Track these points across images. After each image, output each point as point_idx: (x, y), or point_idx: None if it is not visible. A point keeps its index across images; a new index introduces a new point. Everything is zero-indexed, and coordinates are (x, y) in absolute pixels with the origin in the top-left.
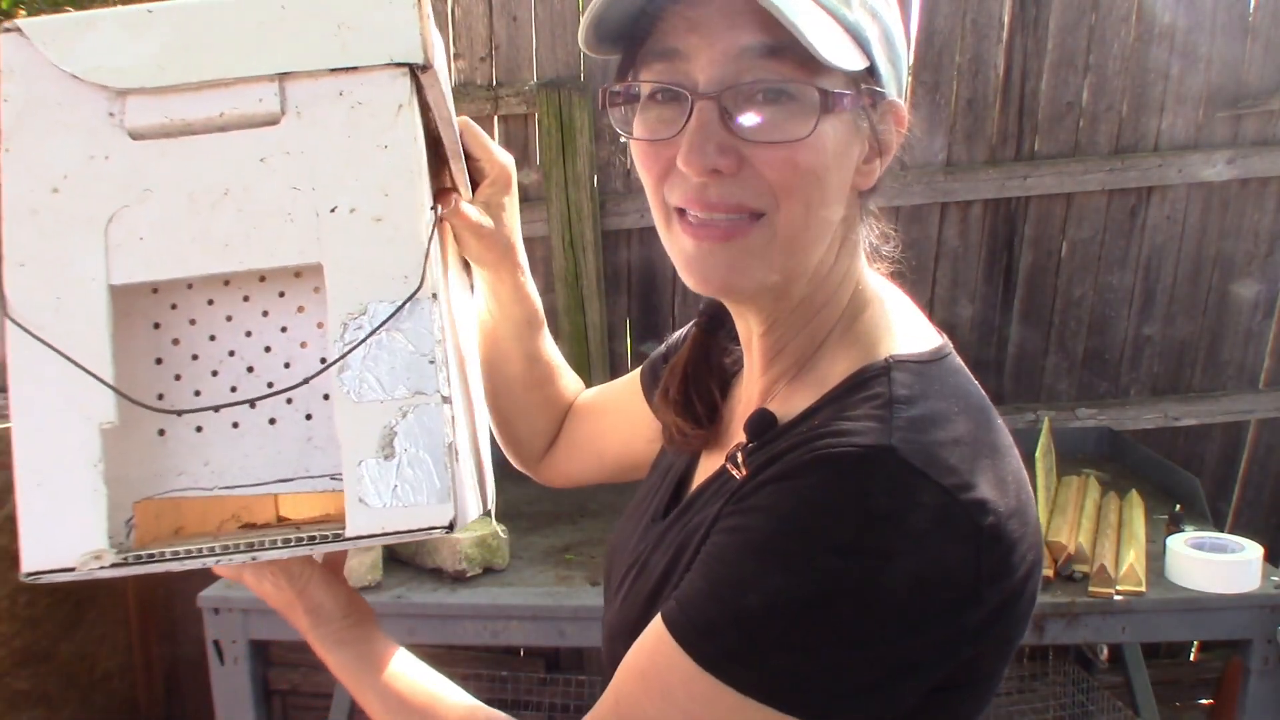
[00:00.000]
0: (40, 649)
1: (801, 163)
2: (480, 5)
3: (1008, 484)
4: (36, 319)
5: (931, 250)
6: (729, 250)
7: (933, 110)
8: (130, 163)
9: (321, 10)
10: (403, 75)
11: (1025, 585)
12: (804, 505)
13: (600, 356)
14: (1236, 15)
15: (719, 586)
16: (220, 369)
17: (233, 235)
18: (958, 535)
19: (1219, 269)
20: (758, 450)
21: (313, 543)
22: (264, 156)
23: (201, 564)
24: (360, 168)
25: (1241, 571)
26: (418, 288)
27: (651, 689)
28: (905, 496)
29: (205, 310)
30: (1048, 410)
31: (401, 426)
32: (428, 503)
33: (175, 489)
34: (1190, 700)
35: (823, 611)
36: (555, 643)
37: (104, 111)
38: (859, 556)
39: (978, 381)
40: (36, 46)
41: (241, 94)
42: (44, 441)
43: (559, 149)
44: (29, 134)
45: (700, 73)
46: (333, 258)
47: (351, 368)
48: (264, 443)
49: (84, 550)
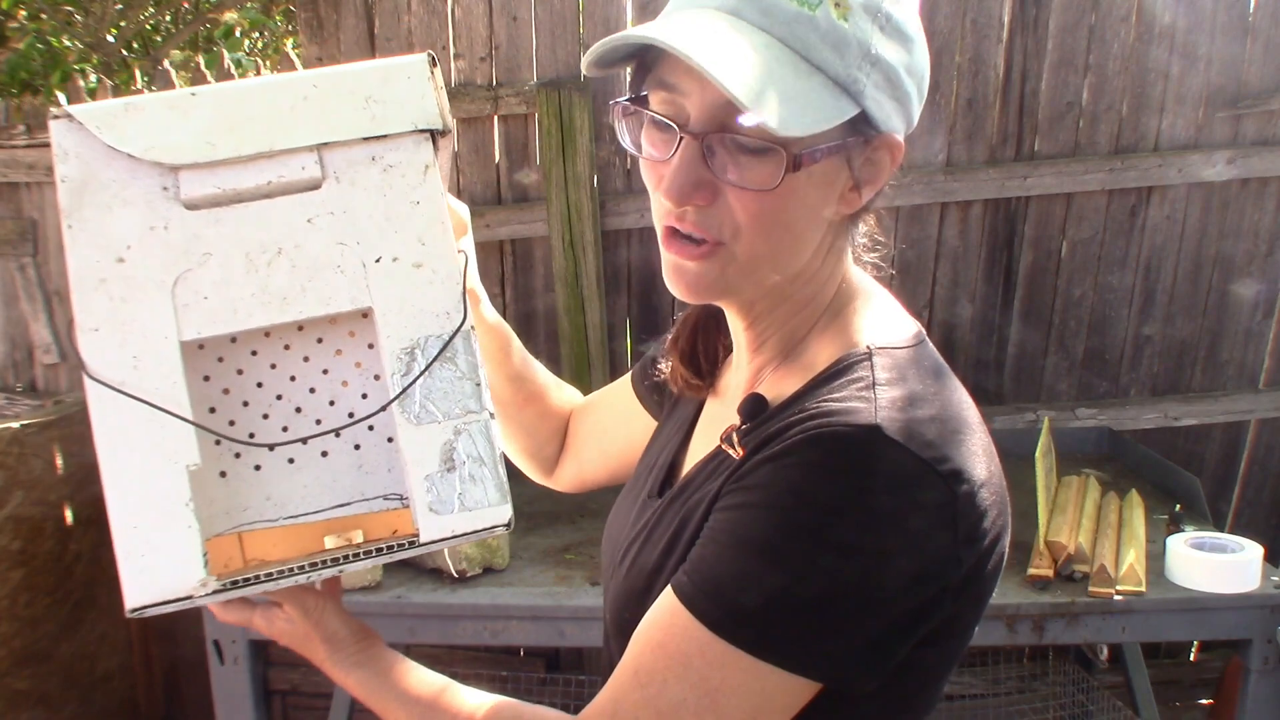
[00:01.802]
0: (40, 649)
1: (767, 208)
2: (480, 5)
3: (979, 456)
4: (117, 376)
5: (931, 250)
6: (697, 267)
7: (933, 110)
8: (189, 230)
9: (349, 87)
10: (425, 140)
11: (995, 547)
12: (800, 479)
13: (600, 356)
14: (1236, 15)
15: (726, 557)
16: (270, 412)
17: (289, 289)
18: (937, 502)
19: (1219, 269)
20: (751, 431)
21: (391, 551)
22: (310, 217)
23: (294, 581)
24: (397, 222)
25: (1241, 571)
26: (461, 322)
27: (671, 658)
28: (889, 467)
29: (250, 361)
30: (1048, 410)
31: (459, 442)
32: (489, 504)
33: (243, 523)
34: (1190, 700)
35: (822, 575)
36: (555, 643)
37: (158, 186)
38: (854, 523)
39: (977, 381)
40: (90, 130)
41: (286, 164)
42: (135, 487)
43: (559, 149)
44: (89, 210)
45: (694, 110)
46: (382, 302)
47: (411, 397)
48: (319, 474)
49: (187, 581)
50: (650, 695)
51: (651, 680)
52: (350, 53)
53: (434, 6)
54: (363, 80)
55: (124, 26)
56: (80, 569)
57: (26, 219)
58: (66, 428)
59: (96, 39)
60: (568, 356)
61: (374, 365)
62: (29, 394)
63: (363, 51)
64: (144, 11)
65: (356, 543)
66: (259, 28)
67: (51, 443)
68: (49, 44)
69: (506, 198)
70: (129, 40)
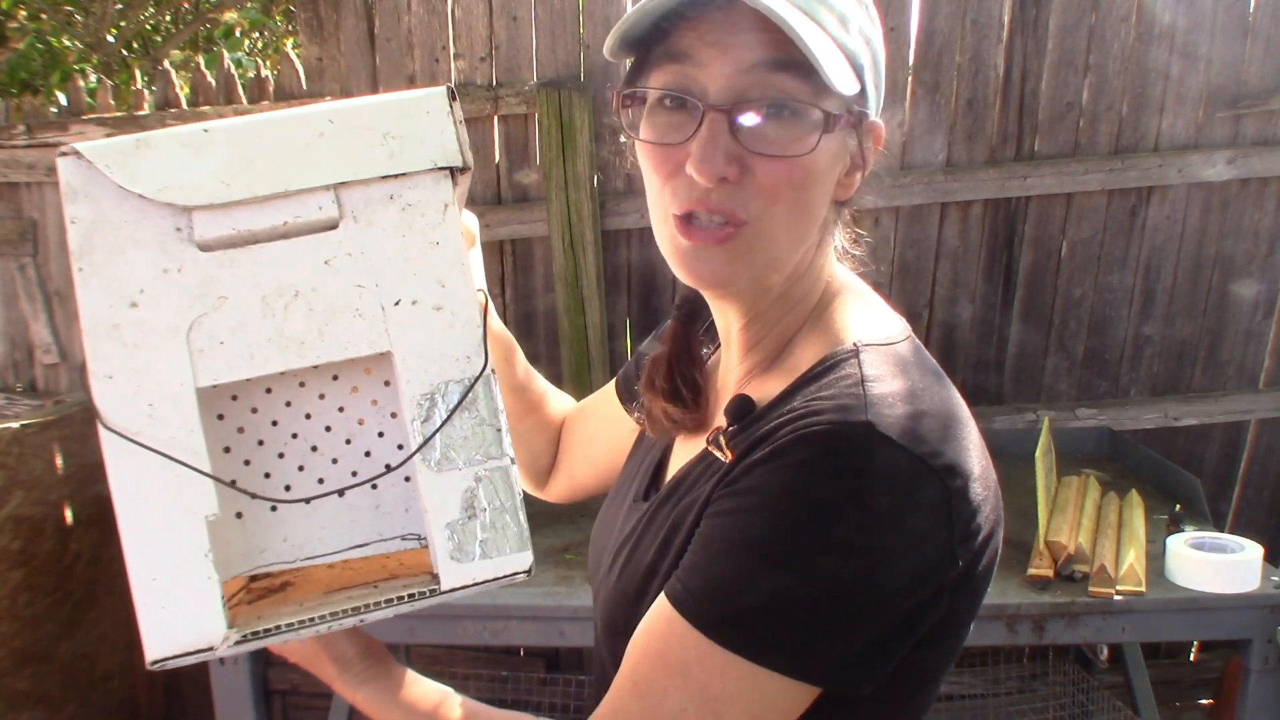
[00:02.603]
0: (40, 649)
1: (796, 175)
2: (480, 5)
3: (971, 451)
4: (133, 425)
5: (931, 250)
6: (721, 253)
7: (933, 110)
8: (203, 273)
9: (367, 123)
10: (445, 177)
11: (989, 543)
12: (793, 481)
13: (600, 356)
14: (1236, 15)
15: (721, 562)
16: (286, 451)
17: (307, 333)
18: (933, 497)
19: (1219, 269)
20: (739, 433)
21: (412, 600)
22: (328, 259)
23: (315, 631)
24: (417, 263)
25: (1241, 571)
26: (483, 367)
27: (670, 667)
28: (884, 465)
29: (265, 399)
30: (1048, 410)
31: (480, 489)
32: (511, 552)
33: (261, 565)
34: (1190, 700)
35: (820, 577)
36: (555, 643)
37: (171, 227)
38: (851, 523)
39: (976, 381)
40: (100, 169)
41: (302, 203)
42: (153, 538)
43: (559, 149)
44: (100, 253)
45: (712, 83)
46: (401, 346)
47: (432, 445)
48: (337, 514)
49: (209, 634)
50: (650, 706)
51: (651, 691)
52: (350, 52)
53: (434, 6)
54: (380, 115)
55: (124, 26)
56: (80, 569)
57: (26, 219)
58: (66, 428)
59: (96, 39)
60: (568, 357)
61: (390, 403)
62: (29, 394)
63: (363, 51)
64: (144, 11)
65: (377, 593)
66: (259, 28)
67: (51, 443)
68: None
69: (506, 198)
70: (129, 40)
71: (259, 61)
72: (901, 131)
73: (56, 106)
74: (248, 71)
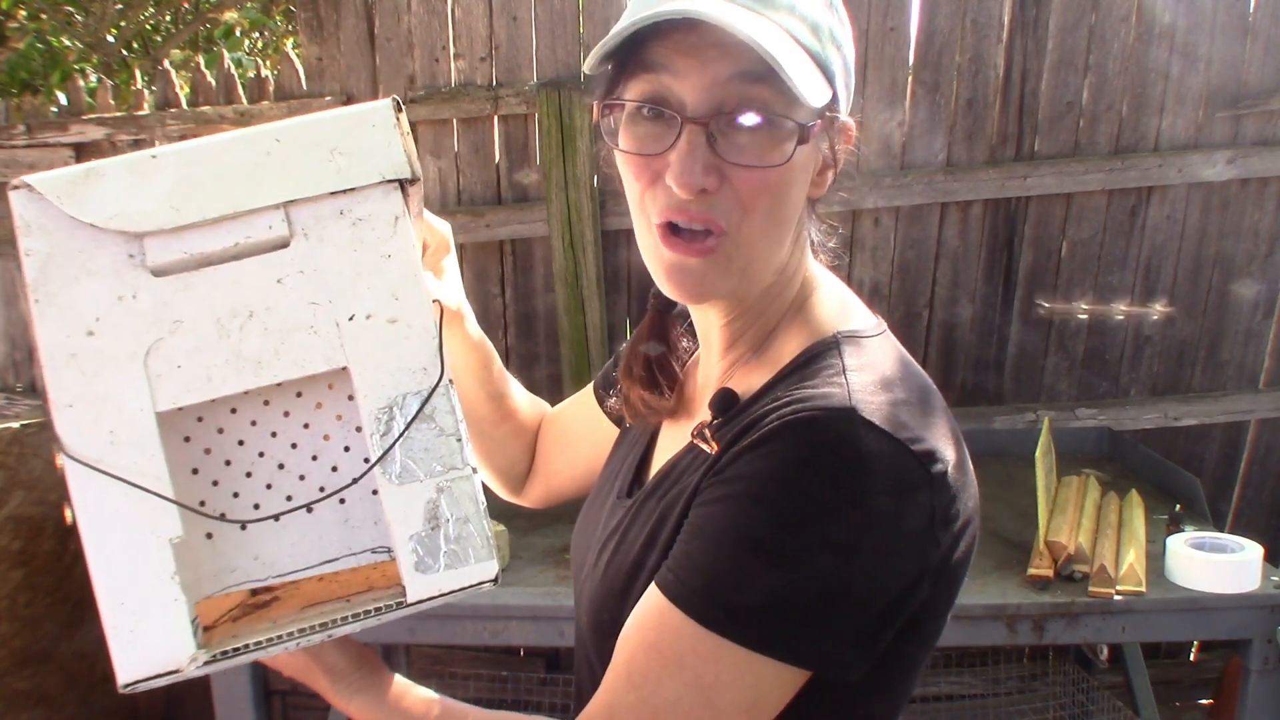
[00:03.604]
0: (40, 649)
1: (773, 183)
2: (480, 5)
3: (949, 439)
4: (94, 453)
5: (931, 250)
6: (701, 265)
7: (933, 110)
8: (158, 298)
9: (313, 140)
10: (394, 190)
11: (967, 530)
12: (780, 467)
13: (600, 357)
14: (1236, 15)
15: (712, 550)
16: (253, 470)
17: (263, 353)
18: (915, 481)
19: (1219, 269)
20: (724, 426)
21: (379, 614)
22: (280, 278)
23: (284, 648)
24: (369, 277)
25: (1241, 571)
26: (439, 377)
27: (664, 657)
28: (869, 450)
29: (230, 419)
30: (1048, 410)
31: (443, 500)
32: (475, 561)
33: (232, 584)
34: (1190, 700)
35: (810, 562)
36: (555, 643)
37: (124, 254)
38: (838, 508)
39: (977, 381)
40: (51, 201)
41: (252, 224)
42: (119, 563)
43: (559, 149)
44: (55, 284)
45: (689, 94)
46: (358, 361)
47: (392, 457)
48: (306, 530)
49: (177, 655)
50: (645, 696)
51: (645, 681)
52: (350, 52)
53: (434, 6)
54: (326, 131)
55: (124, 26)
56: (80, 569)
57: None
58: None
59: (96, 39)
60: (568, 357)
61: (355, 417)
62: (29, 394)
63: (363, 51)
64: (144, 11)
65: (348, 607)
66: (259, 28)
67: (51, 443)
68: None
69: (506, 198)
70: (129, 40)
71: (259, 61)
72: (901, 131)
73: (56, 106)
74: (248, 71)
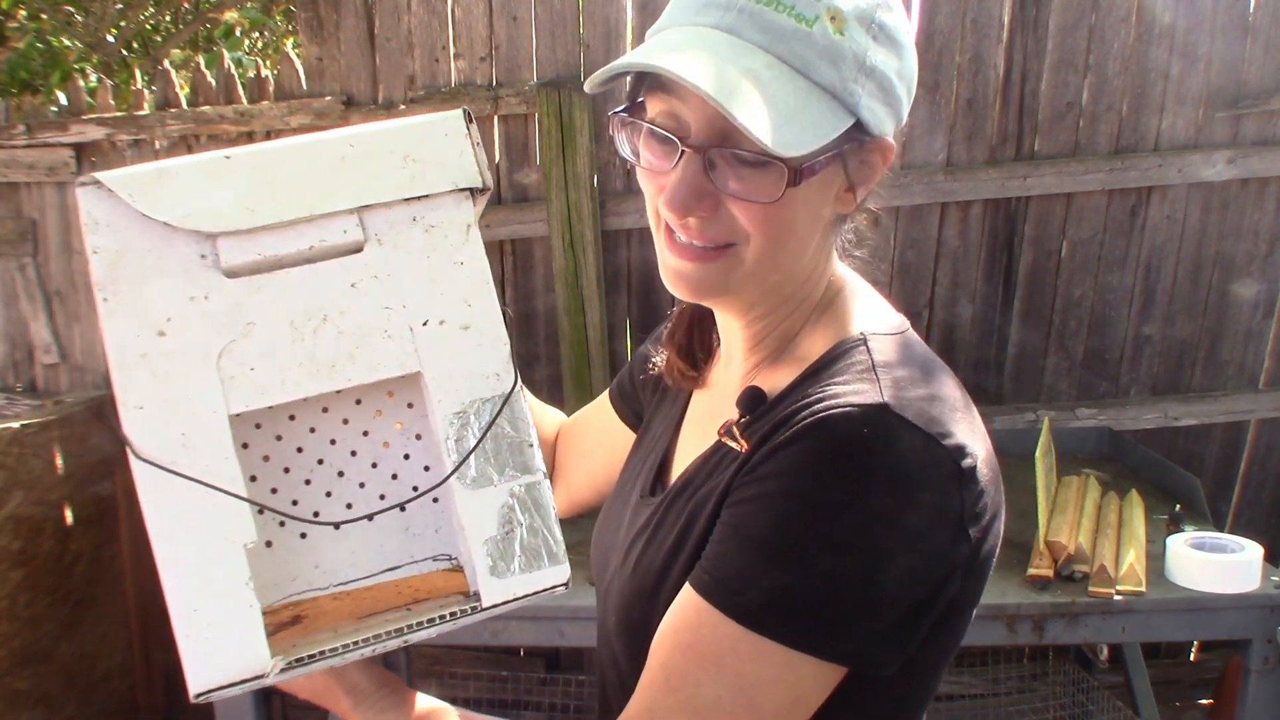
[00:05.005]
0: (40, 649)
1: (770, 217)
2: (480, 5)
3: (977, 433)
4: (166, 455)
5: (931, 250)
6: (703, 270)
7: (933, 110)
8: (230, 299)
9: (386, 147)
10: (465, 198)
11: (994, 523)
12: (815, 463)
13: (600, 357)
14: (1236, 15)
15: (749, 549)
16: (313, 477)
17: (337, 356)
18: (946, 477)
19: (1219, 269)
20: (752, 424)
21: (454, 619)
22: (354, 282)
23: (360, 654)
24: (442, 283)
25: (1241, 571)
26: (513, 384)
27: (703, 659)
28: (902, 446)
29: (289, 426)
30: (1048, 410)
31: (515, 505)
32: (549, 565)
33: (294, 593)
34: (1190, 700)
35: (843, 559)
36: (555, 643)
37: (196, 254)
38: (870, 504)
39: (977, 381)
40: (122, 198)
41: (326, 227)
42: (192, 568)
43: (559, 149)
44: (125, 283)
45: (694, 121)
46: (431, 366)
47: (466, 462)
48: (367, 538)
49: (255, 663)
50: (684, 699)
51: (685, 683)
52: (350, 52)
53: (434, 6)
54: (399, 139)
55: (124, 26)
56: (80, 569)
57: (26, 219)
58: (66, 428)
59: (96, 39)
60: (568, 357)
61: (415, 425)
62: (29, 394)
63: (363, 51)
64: (144, 11)
65: (415, 614)
66: (259, 28)
67: (51, 443)
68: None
69: (506, 198)
70: (129, 40)
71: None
72: (901, 131)
73: (56, 106)
74: (248, 71)
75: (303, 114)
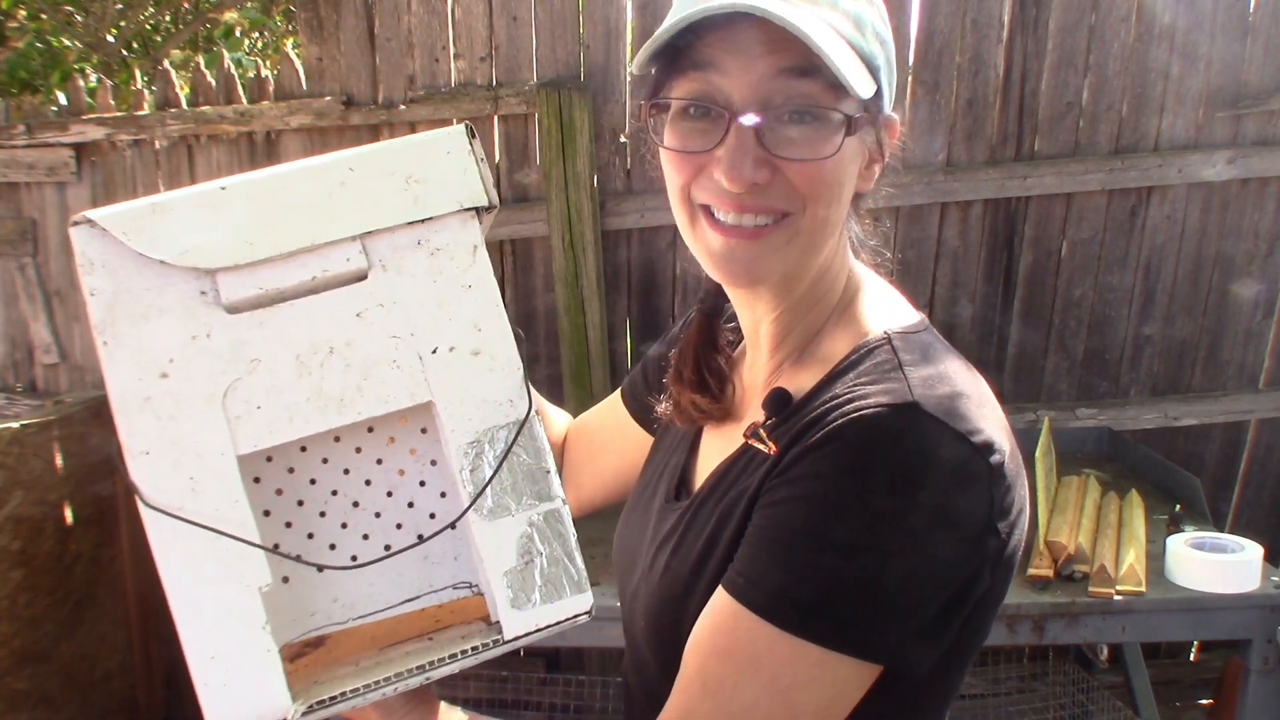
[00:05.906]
0: (40, 649)
1: (827, 175)
2: (480, 5)
3: (1002, 428)
4: (175, 501)
5: (931, 250)
6: (756, 247)
7: (933, 110)
8: (233, 336)
9: (388, 168)
10: (472, 218)
11: (1020, 518)
12: (848, 463)
13: (600, 356)
14: (1236, 15)
15: (783, 551)
16: (327, 509)
17: (345, 389)
18: (977, 473)
19: (1219, 269)
20: (779, 425)
21: (477, 653)
22: (359, 311)
23: (381, 694)
24: (450, 308)
25: (1241, 571)
26: (527, 410)
27: (739, 662)
28: (934, 444)
29: (301, 458)
30: (1048, 410)
31: (534, 534)
32: (570, 594)
33: (313, 628)
34: (1190, 700)
35: (877, 559)
36: (555, 643)
37: (195, 291)
38: (903, 503)
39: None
40: (116, 236)
41: (329, 256)
42: (208, 614)
43: (559, 149)
44: (123, 324)
45: (736, 91)
46: (443, 395)
47: (483, 493)
48: (384, 569)
49: (274, 708)
50: (721, 702)
51: (721, 687)
52: (350, 52)
53: (434, 6)
54: (400, 159)
55: (124, 26)
56: (80, 569)
57: (26, 219)
58: (66, 428)
59: (96, 39)
60: (568, 357)
61: (430, 450)
62: (29, 394)
63: (363, 51)
64: (144, 11)
65: (439, 649)
66: (259, 28)
67: (51, 443)
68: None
69: (506, 198)
70: (129, 40)
71: (259, 61)
72: (901, 131)
73: (56, 106)
74: (248, 71)
75: (303, 114)
